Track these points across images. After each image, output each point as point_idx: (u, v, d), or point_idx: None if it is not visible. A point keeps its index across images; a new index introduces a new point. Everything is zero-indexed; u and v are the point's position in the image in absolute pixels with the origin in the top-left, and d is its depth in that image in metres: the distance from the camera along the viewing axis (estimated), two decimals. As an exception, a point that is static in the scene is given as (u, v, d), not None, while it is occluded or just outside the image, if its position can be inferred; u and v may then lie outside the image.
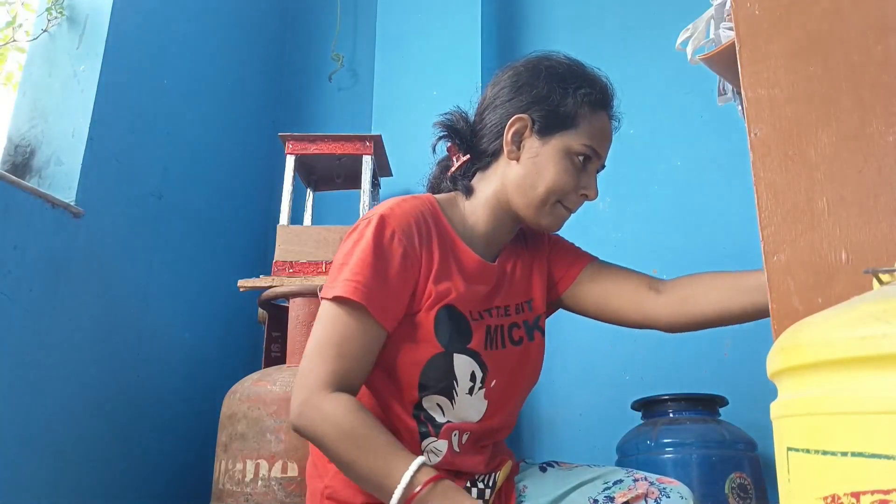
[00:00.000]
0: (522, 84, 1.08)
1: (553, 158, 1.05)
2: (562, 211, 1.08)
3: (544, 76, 1.07)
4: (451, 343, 1.01)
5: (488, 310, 1.07)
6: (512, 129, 1.06)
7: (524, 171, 1.06)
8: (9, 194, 1.33)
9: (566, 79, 1.07)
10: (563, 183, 1.05)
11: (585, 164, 1.07)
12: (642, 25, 2.17)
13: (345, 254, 0.99)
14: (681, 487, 1.05)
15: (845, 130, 0.72)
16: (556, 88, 1.06)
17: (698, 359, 1.83)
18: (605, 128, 1.10)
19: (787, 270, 0.71)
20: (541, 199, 1.05)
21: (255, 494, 1.33)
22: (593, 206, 2.07)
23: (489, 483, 1.06)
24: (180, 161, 1.87)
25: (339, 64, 2.43)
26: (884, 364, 0.43)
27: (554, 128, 1.05)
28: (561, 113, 1.05)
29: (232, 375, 1.64)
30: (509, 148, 1.07)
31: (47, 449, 1.37)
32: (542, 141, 1.05)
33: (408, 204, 1.03)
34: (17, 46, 1.73)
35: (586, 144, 1.05)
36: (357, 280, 0.94)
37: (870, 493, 0.42)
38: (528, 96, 1.07)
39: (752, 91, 0.78)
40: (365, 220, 1.01)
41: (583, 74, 1.10)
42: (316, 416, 0.91)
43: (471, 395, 1.02)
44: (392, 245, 0.98)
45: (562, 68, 1.09)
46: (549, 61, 1.10)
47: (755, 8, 0.80)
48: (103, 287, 1.56)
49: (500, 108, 1.09)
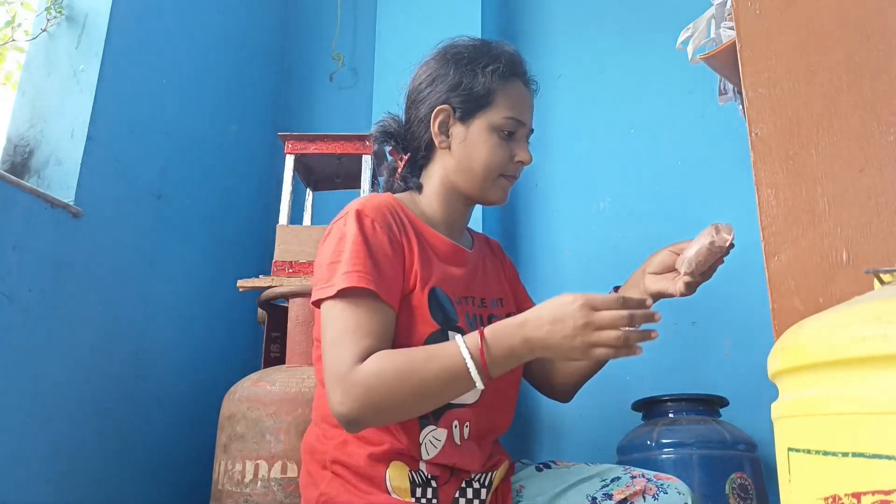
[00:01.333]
0: (436, 76, 1.15)
1: (480, 138, 1.12)
2: (504, 182, 1.15)
3: (453, 63, 1.14)
4: (445, 322, 1.04)
5: (466, 298, 1.11)
6: (437, 121, 1.13)
7: (458, 156, 1.13)
8: (8, 194, 1.33)
9: (472, 60, 1.14)
10: (495, 158, 1.12)
11: (512, 134, 1.13)
12: (643, 25, 2.17)
13: (332, 252, 1.00)
14: (678, 483, 1.06)
15: (845, 130, 0.72)
16: (465, 72, 1.13)
17: (698, 359, 1.82)
18: (520, 95, 1.15)
19: (788, 270, 0.70)
20: (482, 178, 1.13)
21: (255, 495, 1.33)
22: (593, 206, 2.07)
23: (485, 483, 1.06)
24: (180, 161, 1.87)
25: (339, 63, 2.42)
26: (885, 364, 0.43)
27: (473, 110, 1.12)
28: (476, 94, 1.12)
29: (231, 376, 1.64)
30: (439, 139, 1.14)
31: (46, 449, 1.37)
32: (465, 125, 1.13)
33: (376, 199, 1.09)
34: (17, 46, 1.73)
35: (506, 117, 1.12)
36: (357, 270, 0.96)
37: (870, 494, 0.42)
38: (443, 86, 1.14)
39: (753, 90, 0.78)
40: (341, 219, 1.05)
41: (487, 52, 1.15)
42: (360, 389, 0.91)
43: None
44: (376, 232, 1.02)
45: (467, 51, 1.16)
46: (454, 48, 1.17)
47: (756, 7, 0.80)
48: (103, 287, 1.55)
49: (422, 104, 1.16)
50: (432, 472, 1.02)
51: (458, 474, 1.05)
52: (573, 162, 2.13)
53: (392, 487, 1.00)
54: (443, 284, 1.07)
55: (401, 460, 1.01)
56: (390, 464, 1.01)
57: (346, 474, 1.00)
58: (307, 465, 1.06)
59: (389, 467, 1.01)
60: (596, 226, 2.04)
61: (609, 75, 2.17)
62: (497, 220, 2.09)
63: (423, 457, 1.01)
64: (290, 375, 1.43)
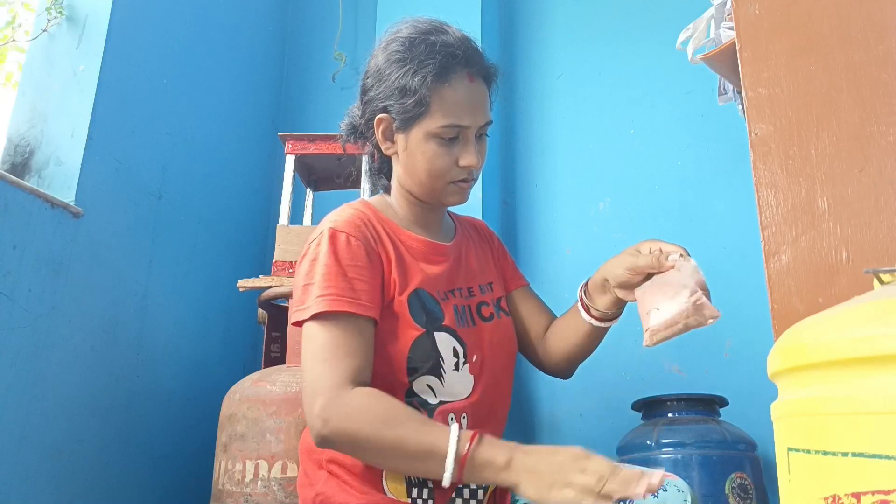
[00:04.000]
0: (381, 75, 1.09)
1: (419, 148, 1.06)
2: (455, 187, 1.09)
3: (391, 63, 1.08)
4: (428, 323, 1.04)
5: (451, 291, 1.11)
6: (379, 130, 1.10)
7: (404, 164, 1.10)
8: (8, 194, 1.33)
9: (406, 60, 1.06)
10: (436, 167, 1.06)
11: (454, 140, 1.06)
12: (643, 25, 2.17)
13: (305, 274, 1.01)
14: (677, 481, 1.06)
15: (845, 130, 0.72)
16: (400, 76, 1.05)
17: (698, 359, 1.82)
18: (461, 94, 1.05)
19: (788, 270, 0.71)
20: (429, 187, 1.09)
21: (255, 495, 1.33)
22: (593, 206, 2.07)
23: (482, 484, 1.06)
24: (180, 161, 1.87)
25: (342, 63, 2.42)
26: (885, 364, 0.43)
27: (411, 119, 1.06)
28: (411, 104, 1.04)
29: (231, 376, 1.64)
30: (385, 146, 1.11)
31: (47, 449, 1.37)
32: (405, 133, 1.07)
33: (348, 212, 1.07)
34: (17, 46, 1.73)
35: (444, 125, 1.04)
36: (328, 293, 0.96)
37: (870, 494, 0.42)
38: (382, 92, 1.08)
39: (753, 90, 0.78)
40: (315, 240, 1.03)
41: (422, 51, 1.05)
42: (345, 412, 0.90)
43: (458, 371, 1.05)
44: (351, 247, 1.01)
45: (401, 48, 1.08)
46: (394, 43, 1.09)
47: (755, 8, 0.80)
48: (103, 287, 1.55)
49: (369, 105, 1.11)
50: None
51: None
52: (573, 162, 2.13)
53: (388, 487, 1.00)
54: (425, 285, 1.07)
55: None
56: None
57: (342, 474, 1.00)
58: (304, 464, 1.07)
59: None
60: (596, 226, 2.04)
61: (609, 75, 2.18)
62: (497, 220, 2.09)
63: None
64: (290, 375, 1.43)
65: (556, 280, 2.04)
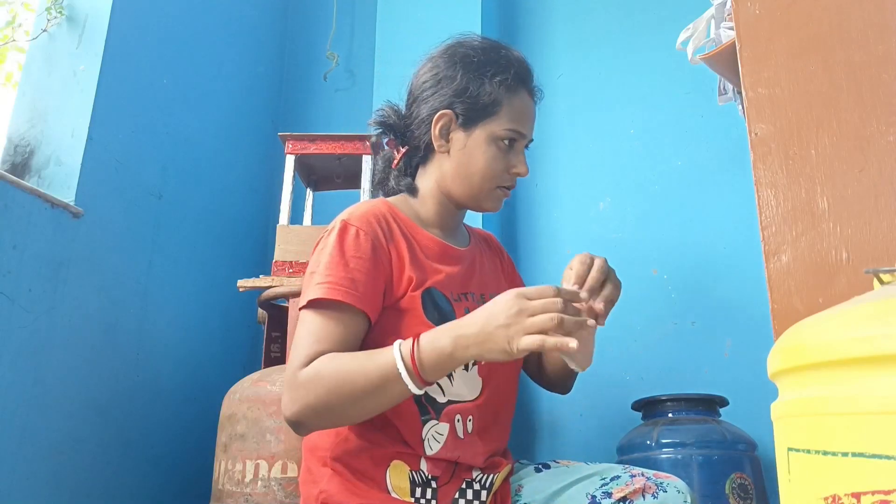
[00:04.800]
0: (442, 77, 1.13)
1: (480, 148, 1.10)
2: (499, 193, 1.14)
3: (461, 67, 1.12)
4: (440, 321, 1.03)
5: (465, 294, 1.11)
6: (438, 125, 1.11)
7: (456, 162, 1.11)
8: (8, 194, 1.33)
9: (481, 66, 1.11)
10: (493, 169, 1.11)
11: (512, 145, 1.12)
12: (642, 25, 2.17)
13: (313, 263, 1.04)
14: (677, 482, 1.07)
15: (845, 130, 0.72)
16: (473, 79, 1.10)
17: (698, 359, 1.82)
18: (524, 107, 1.13)
19: (788, 270, 0.71)
20: (478, 187, 1.12)
21: (255, 495, 1.33)
22: (593, 206, 2.07)
23: (486, 484, 1.06)
24: (180, 161, 1.87)
25: (333, 63, 2.42)
26: (884, 364, 0.43)
27: (476, 118, 1.10)
28: (481, 103, 1.10)
29: (232, 375, 1.64)
30: (438, 143, 1.12)
31: (47, 448, 1.37)
32: (467, 132, 1.11)
33: (364, 207, 1.09)
34: (17, 46, 1.74)
35: (508, 129, 1.10)
36: (328, 281, 0.98)
37: (870, 494, 0.42)
38: (448, 90, 1.11)
39: (753, 90, 0.78)
40: (328, 230, 1.06)
41: (497, 59, 1.13)
42: (298, 392, 0.93)
43: (467, 371, 1.06)
44: (359, 241, 1.02)
45: (476, 55, 1.13)
46: (463, 48, 1.14)
47: (755, 8, 0.80)
48: (103, 287, 1.55)
49: (425, 104, 1.13)
50: (433, 471, 1.02)
51: (460, 474, 1.05)
52: (573, 162, 2.14)
53: (392, 486, 1.00)
54: (438, 284, 1.07)
55: (402, 459, 1.01)
56: (391, 463, 1.01)
57: (345, 472, 1.01)
58: (307, 461, 1.07)
59: (390, 466, 1.01)
60: (596, 226, 2.04)
61: (609, 75, 2.18)
62: (497, 220, 2.09)
63: (426, 452, 1.02)
64: (290, 375, 1.43)
65: (556, 280, 2.03)
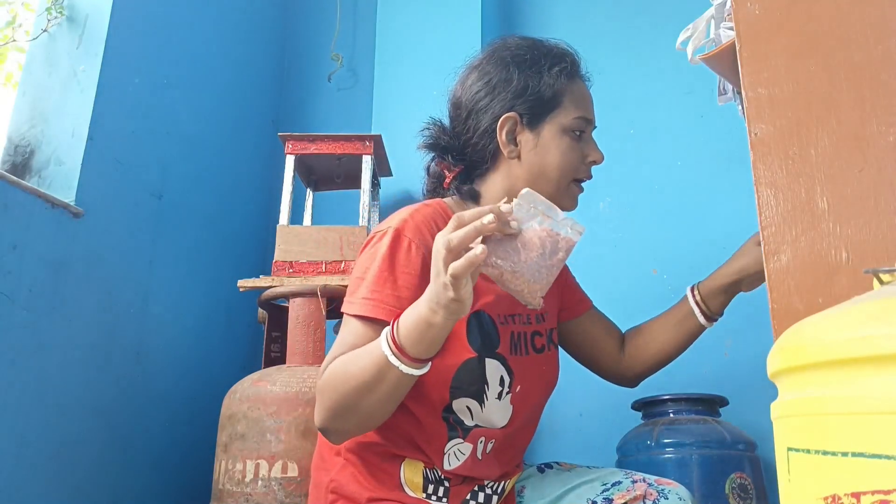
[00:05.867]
0: (497, 82, 1.07)
1: (553, 143, 1.06)
2: (575, 189, 1.10)
3: (514, 67, 1.07)
4: (483, 348, 1.00)
5: (512, 316, 1.06)
6: (504, 130, 1.06)
7: (529, 164, 1.06)
8: (9, 194, 1.33)
9: (535, 62, 1.07)
10: (569, 161, 1.06)
11: (581, 134, 1.08)
12: (642, 25, 2.17)
13: (363, 268, 0.99)
14: (679, 489, 1.05)
15: (845, 130, 0.72)
16: (531, 76, 1.06)
17: (698, 359, 1.82)
18: (585, 93, 1.11)
19: (788, 270, 0.71)
20: (556, 184, 1.07)
21: (255, 495, 1.33)
22: (593, 206, 2.07)
23: (497, 490, 1.06)
24: (180, 161, 1.87)
25: (338, 64, 2.42)
26: (884, 364, 0.43)
27: (543, 115, 1.06)
28: (544, 98, 1.06)
29: (232, 375, 1.64)
30: (508, 149, 1.06)
31: (47, 449, 1.37)
32: (535, 132, 1.06)
33: (420, 214, 1.03)
34: (17, 46, 1.73)
35: (577, 117, 1.07)
36: (374, 298, 0.94)
37: (870, 494, 0.42)
38: (507, 93, 1.06)
39: (753, 90, 0.78)
40: (381, 233, 1.01)
41: (548, 51, 1.09)
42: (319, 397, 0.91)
43: (499, 400, 1.02)
44: (410, 255, 0.97)
45: (526, 53, 1.09)
46: (509, 50, 1.10)
47: (755, 8, 0.80)
48: (103, 287, 1.55)
49: (483, 113, 1.07)
50: (447, 474, 1.02)
51: (473, 481, 1.05)
52: (573, 162, 2.14)
53: (405, 480, 1.00)
54: (488, 306, 1.02)
55: (418, 459, 1.01)
56: (405, 459, 1.01)
57: (358, 464, 1.00)
58: (320, 447, 1.06)
59: (405, 462, 1.01)
60: (596, 226, 2.04)
61: (609, 76, 2.17)
62: (497, 220, 2.09)
63: (444, 467, 1.01)
64: (290, 375, 1.43)
65: (556, 280, 2.04)
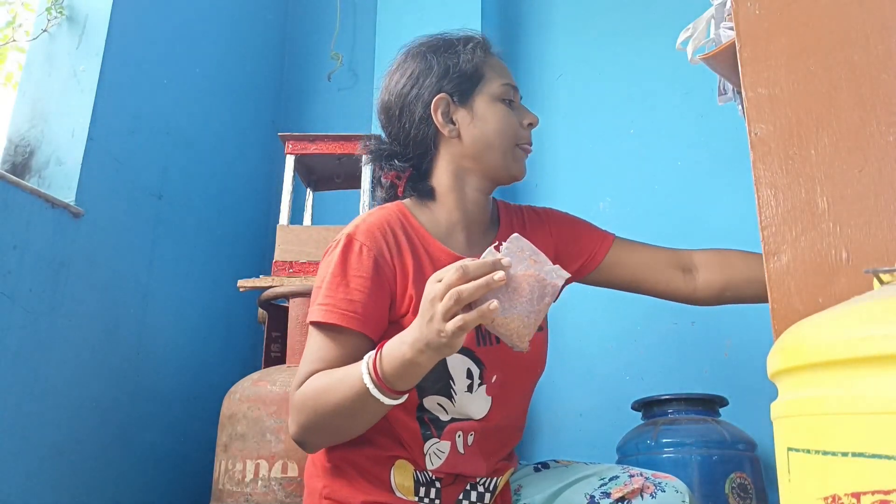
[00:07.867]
0: (419, 73, 1.11)
1: (488, 112, 1.10)
2: (520, 153, 1.12)
3: (430, 55, 1.12)
4: None
5: None
6: (438, 112, 1.09)
7: (471, 138, 1.09)
8: (9, 194, 1.33)
9: (449, 45, 1.12)
10: (509, 125, 1.10)
11: (511, 102, 1.12)
12: (643, 25, 2.17)
13: (321, 278, 1.03)
14: (676, 482, 1.06)
15: (845, 130, 0.72)
16: (448, 57, 1.11)
17: (698, 359, 1.82)
18: (503, 65, 1.15)
19: (788, 270, 0.71)
20: (502, 151, 1.10)
21: (255, 495, 1.33)
22: (593, 206, 2.07)
23: (489, 487, 1.06)
24: (180, 161, 1.87)
25: (338, 63, 2.42)
26: (884, 364, 0.43)
27: (470, 89, 1.10)
28: (467, 74, 1.10)
29: (232, 375, 1.64)
30: (448, 129, 1.09)
31: (47, 448, 1.37)
32: (467, 107, 1.10)
33: (373, 216, 1.06)
34: (17, 46, 1.74)
35: (503, 84, 1.11)
36: (328, 304, 0.97)
37: (870, 494, 0.42)
38: (431, 78, 1.10)
39: (753, 90, 0.78)
40: (335, 242, 1.04)
41: (457, 36, 1.15)
42: (294, 411, 0.95)
43: (471, 393, 1.02)
44: (361, 258, 1.00)
45: (438, 42, 1.14)
46: (421, 45, 1.15)
47: (755, 8, 0.80)
48: (103, 287, 1.56)
49: (413, 104, 1.10)
50: (437, 474, 1.02)
51: (464, 479, 1.05)
52: (573, 162, 2.13)
53: (396, 485, 1.00)
54: None
55: (407, 459, 1.02)
56: (395, 462, 1.02)
57: (350, 470, 1.01)
58: (313, 455, 1.07)
59: (394, 465, 1.01)
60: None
61: (609, 75, 2.18)
62: (497, 220, 2.09)
63: (427, 467, 1.02)
64: (290, 375, 1.43)
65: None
